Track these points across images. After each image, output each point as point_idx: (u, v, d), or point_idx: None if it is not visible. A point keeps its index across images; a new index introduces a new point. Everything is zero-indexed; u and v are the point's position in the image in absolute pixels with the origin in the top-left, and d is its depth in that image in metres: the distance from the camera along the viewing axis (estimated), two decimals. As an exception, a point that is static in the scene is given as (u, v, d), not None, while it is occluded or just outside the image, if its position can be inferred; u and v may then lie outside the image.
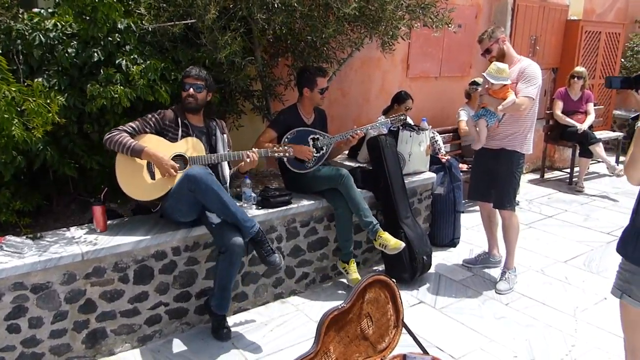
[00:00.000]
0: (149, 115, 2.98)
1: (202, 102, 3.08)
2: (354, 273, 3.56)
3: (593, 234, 4.75)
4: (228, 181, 3.15)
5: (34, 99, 2.52)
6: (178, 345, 2.96)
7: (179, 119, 3.03)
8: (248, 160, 3.03)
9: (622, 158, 7.28)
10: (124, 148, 2.81)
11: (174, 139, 3.01)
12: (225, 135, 3.20)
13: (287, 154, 3.18)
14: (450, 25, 4.03)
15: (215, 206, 2.82)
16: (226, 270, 2.88)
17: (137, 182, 2.90)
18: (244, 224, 2.84)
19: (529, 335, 3.09)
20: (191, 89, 3.00)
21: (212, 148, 3.13)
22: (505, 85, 3.32)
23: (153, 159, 2.87)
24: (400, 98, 4.71)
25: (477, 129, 3.51)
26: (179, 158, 2.96)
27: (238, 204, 3.33)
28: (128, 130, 2.88)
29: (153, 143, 2.92)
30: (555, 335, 3.10)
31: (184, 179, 2.79)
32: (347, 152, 4.36)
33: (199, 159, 2.97)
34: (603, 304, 3.47)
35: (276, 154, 3.17)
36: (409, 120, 4.49)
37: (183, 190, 2.80)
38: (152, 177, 2.92)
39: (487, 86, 3.40)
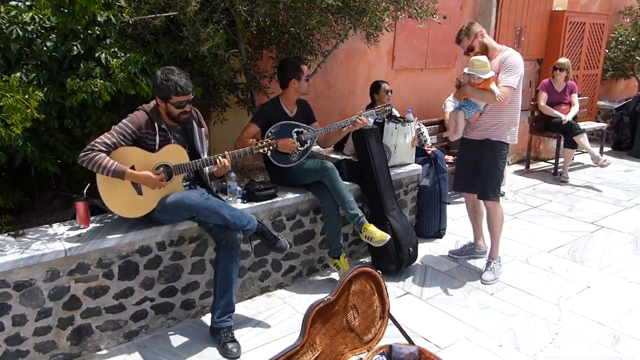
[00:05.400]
0: (124, 126, 2.75)
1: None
2: (345, 267, 3.56)
3: (577, 223, 4.80)
4: (209, 180, 3.11)
5: (12, 94, 2.47)
6: (164, 341, 2.95)
7: (156, 124, 2.83)
8: (219, 164, 2.92)
9: (606, 148, 7.37)
10: (103, 170, 2.63)
11: (152, 146, 2.83)
12: (202, 129, 3.06)
13: (271, 148, 3.09)
14: (435, 16, 4.03)
15: (217, 222, 2.83)
16: (227, 267, 2.85)
17: (125, 201, 2.77)
18: (245, 228, 2.86)
19: (514, 324, 3.12)
20: (188, 105, 2.83)
21: (190, 144, 3.01)
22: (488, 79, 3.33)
23: (136, 180, 2.75)
24: (375, 87, 4.72)
25: (456, 121, 3.53)
26: (163, 167, 2.85)
27: (224, 198, 3.33)
28: (104, 149, 2.65)
29: (133, 158, 2.76)
30: (539, 323, 3.13)
31: (182, 206, 2.77)
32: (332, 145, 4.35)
33: (183, 167, 2.87)
34: (586, 292, 3.52)
35: (260, 150, 3.06)
36: (395, 112, 4.50)
37: (182, 214, 2.83)
38: (139, 192, 2.80)
39: (472, 80, 3.39)
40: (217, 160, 2.92)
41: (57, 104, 2.94)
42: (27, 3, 3.01)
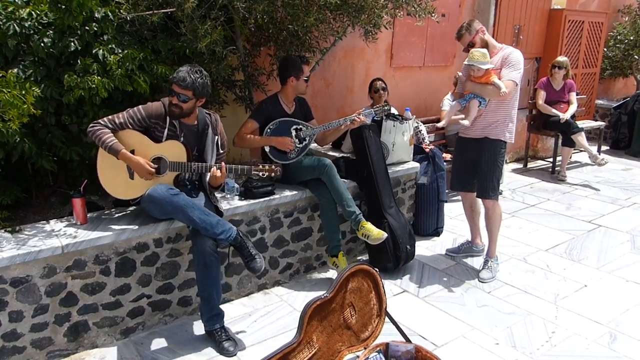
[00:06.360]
0: (136, 111, 2.83)
1: (188, 111, 2.87)
2: (344, 265, 3.54)
3: (575, 222, 4.80)
4: (208, 187, 3.07)
5: (9, 90, 2.47)
6: (161, 337, 2.95)
7: (168, 117, 2.87)
8: (211, 174, 2.88)
9: (604, 147, 7.38)
10: (102, 144, 2.74)
11: (159, 138, 2.88)
12: (217, 137, 3.03)
13: (272, 174, 2.97)
14: (433, 14, 4.03)
15: (184, 222, 2.80)
16: (203, 274, 2.79)
17: (116, 180, 2.85)
18: (217, 237, 2.75)
19: (511, 323, 3.12)
20: (176, 98, 2.81)
21: (200, 148, 2.99)
22: (487, 69, 3.34)
23: (129, 163, 2.78)
24: (370, 86, 4.71)
25: (468, 109, 3.50)
26: (161, 160, 2.86)
27: (220, 195, 3.32)
28: (110, 125, 2.77)
29: (135, 142, 2.83)
30: (536, 322, 3.14)
31: (149, 199, 2.72)
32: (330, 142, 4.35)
33: (178, 165, 2.87)
34: (583, 291, 3.52)
35: (260, 173, 2.96)
36: (393, 110, 4.50)
37: (151, 207, 2.78)
38: (131, 177, 2.85)
39: (471, 73, 3.41)
40: (211, 170, 2.89)
41: (55, 100, 2.93)
42: (25, -1, 3.00)
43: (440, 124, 3.83)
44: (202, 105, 2.99)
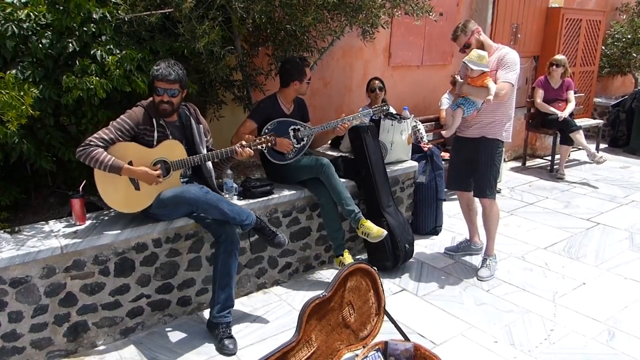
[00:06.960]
0: (122, 122, 2.77)
1: (177, 106, 2.88)
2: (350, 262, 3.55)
3: (573, 220, 4.81)
4: (213, 174, 3.08)
5: (7, 91, 2.47)
6: (161, 337, 2.96)
7: (154, 120, 2.84)
8: (239, 156, 2.95)
9: (602, 145, 7.39)
10: (100, 165, 2.64)
11: (150, 142, 2.84)
12: (201, 126, 3.06)
13: (269, 144, 3.07)
14: (431, 13, 4.03)
15: (216, 217, 2.85)
16: (226, 262, 2.86)
17: (122, 196, 2.78)
18: (243, 223, 2.88)
19: (509, 321, 3.13)
20: (165, 95, 2.79)
21: (188, 141, 3.00)
22: (483, 72, 3.34)
23: (133, 175, 2.75)
24: (368, 86, 4.70)
25: (453, 117, 3.54)
26: (161, 163, 2.86)
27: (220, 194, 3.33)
28: (101, 144, 2.66)
29: (130, 153, 2.77)
30: (534, 320, 3.15)
31: (181, 200, 2.75)
32: (329, 141, 4.36)
33: (181, 162, 2.87)
34: (581, 288, 3.53)
35: (258, 147, 3.05)
36: (391, 109, 4.51)
37: (181, 208, 2.82)
38: (137, 188, 2.80)
39: (467, 73, 3.42)
40: (235, 151, 2.94)
41: (53, 101, 2.93)
42: (23, 0, 3.00)
43: (444, 134, 3.83)
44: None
